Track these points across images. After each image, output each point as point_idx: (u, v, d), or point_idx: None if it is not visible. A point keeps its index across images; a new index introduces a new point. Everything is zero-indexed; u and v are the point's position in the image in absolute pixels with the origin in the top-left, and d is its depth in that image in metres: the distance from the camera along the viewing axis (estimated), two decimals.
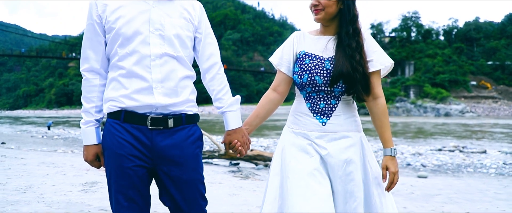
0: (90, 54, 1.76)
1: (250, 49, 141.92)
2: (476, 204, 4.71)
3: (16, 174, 5.70)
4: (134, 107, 1.68)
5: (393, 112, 71.46)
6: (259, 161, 9.13)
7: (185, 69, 1.77)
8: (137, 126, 1.68)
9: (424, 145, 17.91)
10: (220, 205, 4.08)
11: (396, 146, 14.32)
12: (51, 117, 64.19)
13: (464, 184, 6.80)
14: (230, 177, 6.84)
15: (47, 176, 5.72)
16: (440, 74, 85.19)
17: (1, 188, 4.57)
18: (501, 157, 12.32)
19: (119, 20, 1.70)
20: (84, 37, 1.78)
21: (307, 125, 1.89)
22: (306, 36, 1.96)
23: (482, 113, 70.29)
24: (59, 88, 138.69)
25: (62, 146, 16.78)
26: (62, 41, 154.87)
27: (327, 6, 1.83)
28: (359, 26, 1.88)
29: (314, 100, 1.89)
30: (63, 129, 30.08)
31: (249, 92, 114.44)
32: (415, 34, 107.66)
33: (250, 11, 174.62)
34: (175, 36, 1.74)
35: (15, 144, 16.25)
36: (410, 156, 12.41)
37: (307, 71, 1.86)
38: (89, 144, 1.77)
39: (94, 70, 1.76)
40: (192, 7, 1.85)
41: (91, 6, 1.75)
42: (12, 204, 3.78)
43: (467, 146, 16.99)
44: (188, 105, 1.78)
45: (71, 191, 4.55)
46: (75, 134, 24.22)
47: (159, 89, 1.68)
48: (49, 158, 9.23)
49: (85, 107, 1.77)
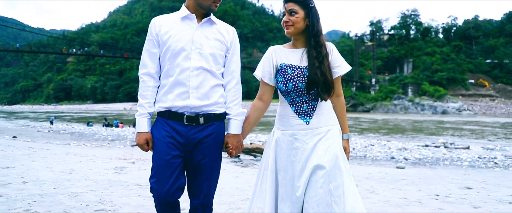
0: (148, 62, 2.23)
1: (249, 46, 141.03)
2: (430, 186, 5.83)
3: (54, 161, 6.82)
4: (175, 108, 2.14)
5: (391, 110, 71.87)
6: (258, 154, 10.28)
7: (215, 79, 2.20)
8: (177, 122, 2.15)
9: (414, 141, 19.00)
10: (227, 184, 5.24)
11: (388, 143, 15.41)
12: (49, 112, 64.34)
13: (433, 173, 7.91)
14: (232, 165, 8.02)
15: (80, 162, 6.86)
16: (438, 72, 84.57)
17: (50, 170, 5.70)
18: (481, 152, 13.42)
19: (170, 38, 2.16)
20: (144, 48, 2.24)
21: (294, 126, 2.21)
22: (281, 49, 2.29)
23: (479, 111, 70.43)
24: (58, 83, 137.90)
25: (71, 140, 17.75)
26: (61, 36, 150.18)
27: (295, 22, 2.19)
28: (322, 40, 2.22)
29: (298, 104, 2.22)
30: (66, 124, 31.06)
31: (248, 89, 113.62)
32: (414, 32, 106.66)
33: (249, 7, 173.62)
34: (210, 54, 2.18)
35: (25, 138, 16.95)
36: (396, 151, 13.52)
37: (291, 80, 2.19)
38: (141, 131, 2.19)
39: (150, 74, 2.22)
40: (227, 31, 2.29)
41: (151, 26, 2.23)
42: (67, 180, 4.90)
43: (455, 142, 18.06)
44: (217, 106, 2.20)
45: (107, 173, 5.70)
46: (80, 129, 25.18)
47: (194, 94, 2.14)
48: (70, 149, 10.35)
49: (140, 102, 2.22)
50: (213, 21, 2.25)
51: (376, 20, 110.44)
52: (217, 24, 2.26)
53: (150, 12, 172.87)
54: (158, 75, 2.23)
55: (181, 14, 2.21)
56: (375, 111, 73.46)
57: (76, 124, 31.21)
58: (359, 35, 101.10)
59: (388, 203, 4.33)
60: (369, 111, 73.39)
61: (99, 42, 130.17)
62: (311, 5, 2.21)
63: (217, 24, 2.26)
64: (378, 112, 71.98)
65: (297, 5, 2.19)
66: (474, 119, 47.36)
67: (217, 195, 4.52)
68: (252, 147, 10.55)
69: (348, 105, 77.65)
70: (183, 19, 2.20)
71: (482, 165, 10.33)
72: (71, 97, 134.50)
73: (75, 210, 3.48)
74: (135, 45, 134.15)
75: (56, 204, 3.63)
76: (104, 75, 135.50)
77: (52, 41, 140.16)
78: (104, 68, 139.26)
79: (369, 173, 7.48)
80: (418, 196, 4.84)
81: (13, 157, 7.13)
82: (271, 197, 2.18)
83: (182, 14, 2.20)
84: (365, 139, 19.26)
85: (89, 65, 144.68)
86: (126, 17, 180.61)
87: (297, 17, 2.18)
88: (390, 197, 4.76)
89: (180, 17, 2.20)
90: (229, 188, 4.95)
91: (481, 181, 6.42)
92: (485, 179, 6.86)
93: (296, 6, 2.18)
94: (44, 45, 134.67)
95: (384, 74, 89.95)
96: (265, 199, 2.17)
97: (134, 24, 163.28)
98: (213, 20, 2.25)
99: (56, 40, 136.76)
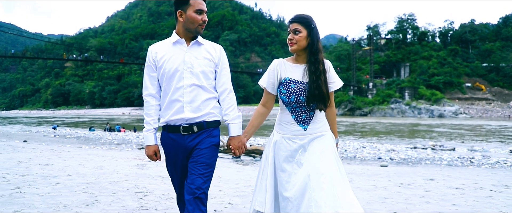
0: (148, 84, 2.54)
1: (247, 50, 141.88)
2: (400, 178, 6.95)
3: (82, 160, 7.95)
4: (172, 121, 2.46)
5: (388, 114, 72.68)
6: (256, 155, 11.42)
7: (207, 93, 2.49)
8: (175, 133, 2.47)
9: (405, 144, 20.08)
10: (233, 176, 6.42)
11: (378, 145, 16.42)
12: (43, 117, 64.97)
13: (410, 170, 9.02)
14: (235, 164, 9.18)
15: (105, 161, 7.99)
16: (435, 76, 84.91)
17: (84, 166, 6.83)
18: (464, 153, 14.56)
19: (165, 62, 2.46)
20: (144, 72, 2.56)
21: (293, 131, 2.51)
22: (285, 63, 2.55)
23: (475, 115, 71.26)
24: (56, 88, 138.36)
25: (78, 144, 18.31)
26: (59, 40, 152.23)
27: (299, 40, 2.47)
28: (320, 57, 2.49)
29: (298, 113, 2.51)
30: (70, 129, 31.66)
31: (246, 93, 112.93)
32: (411, 36, 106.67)
33: (247, 12, 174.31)
34: (201, 72, 2.47)
35: (35, 143, 17.32)
36: (384, 152, 14.62)
37: (293, 93, 2.47)
38: (149, 144, 2.55)
39: (152, 95, 2.54)
40: (214, 49, 2.56)
41: (148, 53, 2.54)
42: (102, 174, 6.03)
43: (444, 145, 19.12)
44: (209, 116, 2.48)
45: (132, 168, 6.85)
46: (84, 133, 26.09)
47: (188, 108, 2.43)
48: (88, 151, 11.45)
49: (146, 119, 2.53)
50: (201, 43, 2.53)
51: (373, 25, 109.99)
52: (204, 44, 2.54)
53: (148, 17, 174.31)
54: (159, 94, 2.56)
55: (172, 39, 2.51)
56: (372, 115, 74.26)
57: (78, 129, 31.85)
58: (357, 40, 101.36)
59: (359, 188, 5.49)
60: (367, 115, 74.17)
61: (97, 47, 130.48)
62: (312, 25, 2.49)
63: (205, 45, 2.54)
64: (375, 116, 72.75)
65: (301, 25, 2.47)
66: (469, 122, 48.25)
67: (225, 182, 5.71)
68: (252, 148, 11.72)
69: (345, 109, 78.71)
70: (175, 44, 2.50)
71: (458, 164, 11.45)
72: (69, 102, 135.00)
73: (121, 192, 4.62)
74: (133, 50, 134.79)
75: (103, 189, 4.77)
76: (102, 80, 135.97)
77: (50, 46, 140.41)
78: (102, 73, 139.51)
79: (353, 169, 8.59)
80: (385, 184, 6.00)
81: (45, 157, 8.26)
82: (271, 193, 2.44)
83: (173, 40, 2.50)
84: (358, 142, 20.26)
85: (87, 70, 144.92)
86: (124, 22, 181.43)
87: (301, 36, 2.46)
88: (362, 184, 5.92)
89: (172, 42, 2.50)
90: (234, 178, 6.12)
91: (447, 175, 7.54)
92: (451, 173, 7.99)
93: (300, 26, 2.47)
94: (42, 50, 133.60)
95: (381, 78, 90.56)
96: (265, 195, 2.44)
97: (132, 29, 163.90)
98: (200, 42, 2.53)
99: (54, 45, 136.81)
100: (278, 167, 2.47)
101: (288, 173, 2.42)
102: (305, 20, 2.48)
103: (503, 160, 11.80)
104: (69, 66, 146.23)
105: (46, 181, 5.16)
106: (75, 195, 4.37)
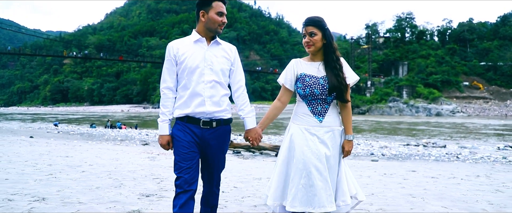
0: (167, 78, 2.64)
1: (246, 48, 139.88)
2: (385, 170, 7.71)
3: (97, 153, 8.70)
4: (193, 114, 2.58)
5: (386, 112, 73.04)
6: (256, 150, 12.19)
7: (224, 89, 2.65)
8: (194, 125, 2.59)
9: (398, 141, 20.79)
10: (235, 166, 7.21)
11: (372, 142, 16.98)
12: (38, 114, 65.34)
13: (397, 165, 9.75)
14: (236, 158, 9.96)
15: (117, 154, 8.75)
16: (433, 75, 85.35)
17: (100, 158, 7.59)
18: (453, 149, 15.32)
19: (187, 59, 2.58)
20: (164, 67, 2.65)
21: (309, 122, 2.66)
22: (301, 62, 2.75)
23: (472, 113, 71.57)
24: (54, 85, 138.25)
25: (83, 140, 18.55)
26: (57, 37, 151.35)
27: (315, 42, 2.65)
28: (338, 54, 2.69)
29: (314, 105, 2.66)
30: (71, 126, 31.71)
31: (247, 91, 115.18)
32: (409, 34, 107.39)
33: (246, 10, 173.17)
34: (220, 69, 2.62)
35: (42, 139, 17.53)
36: (377, 149, 15.37)
37: (308, 86, 2.64)
38: (163, 134, 2.65)
39: (169, 88, 2.64)
40: (230, 50, 2.73)
41: (169, 48, 2.63)
42: (119, 164, 6.79)
43: (436, 142, 19.80)
44: (225, 112, 2.66)
45: (144, 160, 7.61)
46: (86, 130, 26.21)
47: (208, 102, 2.57)
48: (98, 146, 12.20)
49: (162, 110, 2.64)
50: (219, 42, 2.69)
51: (372, 23, 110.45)
52: (222, 44, 2.70)
53: (147, 14, 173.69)
54: (176, 88, 2.67)
55: (193, 38, 2.64)
56: (370, 113, 74.66)
57: (80, 126, 31.97)
58: (355, 38, 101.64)
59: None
60: (365, 113, 74.46)
61: (96, 44, 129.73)
62: (325, 27, 2.68)
63: (222, 45, 2.70)
64: (373, 114, 73.13)
65: (315, 28, 2.65)
66: (466, 121, 48.85)
67: (229, 171, 6.48)
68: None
69: None
70: (196, 42, 2.63)
71: (445, 159, 12.19)
72: (68, 99, 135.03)
73: (140, 178, 5.39)
74: (132, 47, 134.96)
75: (124, 175, 5.53)
76: (101, 77, 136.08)
77: (48, 42, 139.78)
78: (101, 70, 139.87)
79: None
80: (370, 174, 6.78)
81: (62, 150, 9.01)
82: (279, 178, 2.65)
83: (195, 38, 2.63)
84: (354, 140, 20.76)
85: (86, 67, 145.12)
86: (123, 19, 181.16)
87: (317, 38, 2.65)
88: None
89: (193, 41, 2.63)
90: (237, 168, 6.94)
91: (428, 168, 8.30)
92: (433, 167, 8.76)
93: (315, 29, 2.65)
94: (40, 46, 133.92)
95: (380, 77, 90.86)
96: (272, 181, 2.70)
97: (131, 26, 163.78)
98: (219, 42, 2.69)
99: (53, 41, 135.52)
100: (292, 156, 2.63)
101: (301, 161, 2.57)
102: (319, 23, 2.67)
103: (487, 156, 12.55)
104: (67, 63, 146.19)
105: (72, 169, 5.92)
106: (102, 180, 5.13)
